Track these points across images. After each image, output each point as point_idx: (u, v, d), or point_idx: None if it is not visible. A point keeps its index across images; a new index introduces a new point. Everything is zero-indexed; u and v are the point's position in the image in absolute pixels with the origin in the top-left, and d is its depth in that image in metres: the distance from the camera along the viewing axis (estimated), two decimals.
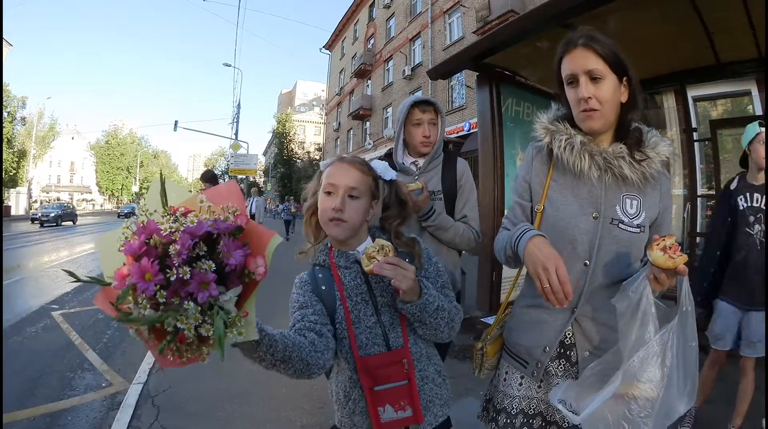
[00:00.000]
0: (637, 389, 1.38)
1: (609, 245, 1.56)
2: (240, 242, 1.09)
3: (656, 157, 1.55)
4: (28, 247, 17.63)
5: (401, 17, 30.37)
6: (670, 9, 4.01)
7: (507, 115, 5.27)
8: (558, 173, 1.68)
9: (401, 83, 29.52)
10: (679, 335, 1.38)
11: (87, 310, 7.47)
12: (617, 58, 1.51)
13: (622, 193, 1.58)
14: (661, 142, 1.59)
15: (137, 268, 0.96)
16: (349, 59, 40.66)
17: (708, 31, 4.24)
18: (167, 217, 1.05)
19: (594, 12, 3.85)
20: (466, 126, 21.42)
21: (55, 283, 9.89)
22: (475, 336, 5.78)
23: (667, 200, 1.64)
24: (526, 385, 1.72)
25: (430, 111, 2.61)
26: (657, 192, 1.61)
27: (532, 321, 1.71)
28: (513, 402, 1.73)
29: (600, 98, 1.50)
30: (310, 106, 75.39)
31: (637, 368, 1.37)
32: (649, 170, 1.54)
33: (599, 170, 1.56)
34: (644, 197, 1.58)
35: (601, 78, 1.50)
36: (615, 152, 1.55)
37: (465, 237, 2.57)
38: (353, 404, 1.58)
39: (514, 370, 1.76)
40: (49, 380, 4.55)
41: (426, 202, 2.51)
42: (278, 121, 55.07)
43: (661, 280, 1.35)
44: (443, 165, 2.71)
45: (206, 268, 0.99)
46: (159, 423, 3.68)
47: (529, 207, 1.74)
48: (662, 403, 1.39)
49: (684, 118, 5.41)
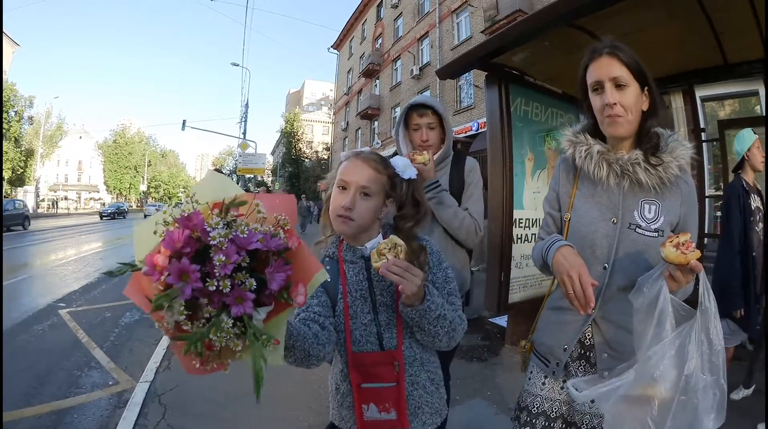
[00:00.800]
0: (652, 389, 1.36)
1: (627, 249, 1.60)
2: (283, 261, 1.06)
3: (673, 162, 1.57)
4: (35, 246, 17.70)
5: (409, 17, 30.33)
6: (678, 9, 3.98)
7: (516, 115, 5.24)
8: (582, 183, 1.76)
9: (409, 83, 29.49)
10: (702, 337, 1.36)
11: (94, 308, 7.53)
12: (640, 67, 1.57)
13: (641, 198, 1.62)
14: (680, 146, 1.61)
15: (177, 267, 0.94)
16: (357, 59, 40.65)
17: (716, 31, 4.20)
18: (216, 215, 1.04)
19: (602, 12, 3.82)
20: (475, 126, 21.39)
21: (62, 281, 9.95)
22: (482, 336, 5.78)
23: (689, 204, 1.64)
24: (549, 386, 1.78)
25: (428, 114, 2.59)
26: (677, 196, 1.62)
27: (556, 321, 1.80)
28: (535, 401, 1.80)
29: (624, 105, 1.55)
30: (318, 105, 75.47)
31: (651, 367, 1.36)
32: (665, 175, 1.58)
33: (617, 177, 1.62)
34: (663, 202, 1.61)
35: (626, 85, 1.56)
36: (631, 159, 1.59)
37: (465, 223, 2.54)
38: (342, 397, 1.61)
39: (539, 369, 1.83)
40: (56, 378, 4.56)
41: (431, 174, 2.51)
42: (286, 121, 55.02)
43: (677, 278, 1.36)
44: (452, 165, 2.70)
45: (247, 285, 0.96)
46: (166, 422, 3.68)
47: (559, 217, 1.83)
48: (682, 408, 1.35)
49: (692, 119, 5.36)
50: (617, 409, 1.40)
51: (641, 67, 1.57)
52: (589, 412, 1.66)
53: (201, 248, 0.97)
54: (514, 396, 4.07)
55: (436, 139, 2.63)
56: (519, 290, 5.25)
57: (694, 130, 5.35)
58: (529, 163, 5.43)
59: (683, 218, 1.62)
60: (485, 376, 4.53)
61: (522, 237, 5.27)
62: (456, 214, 2.53)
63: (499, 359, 5.02)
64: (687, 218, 1.63)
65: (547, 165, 5.66)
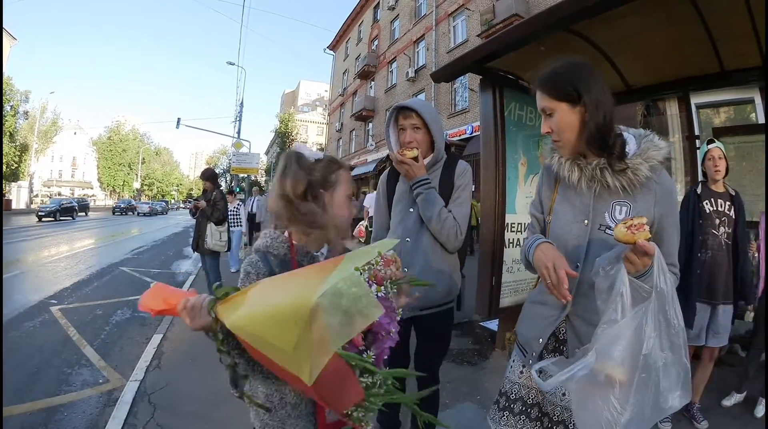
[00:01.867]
0: (611, 369, 1.42)
1: (598, 249, 1.67)
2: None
3: (643, 164, 1.64)
4: (27, 242, 17.62)
5: (405, 19, 30.37)
6: (675, 15, 4.00)
7: (510, 119, 5.26)
8: (562, 188, 1.87)
9: (404, 85, 29.50)
10: (659, 317, 1.41)
11: (85, 305, 7.50)
12: (564, 87, 1.68)
13: (612, 200, 1.71)
14: (652, 147, 1.67)
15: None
16: (352, 60, 40.66)
17: (712, 37, 4.23)
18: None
19: (598, 17, 3.84)
20: (469, 129, 21.43)
21: (54, 277, 9.91)
22: (473, 340, 5.79)
23: (665, 205, 1.68)
24: (526, 375, 1.93)
25: (412, 116, 2.61)
26: (650, 197, 1.67)
27: (534, 315, 1.94)
28: (513, 387, 1.96)
29: (555, 129, 1.74)
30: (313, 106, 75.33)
31: (609, 346, 1.41)
32: (635, 177, 1.64)
33: (588, 181, 1.72)
34: (635, 203, 1.68)
35: (551, 112, 1.73)
36: (598, 164, 1.69)
37: (447, 224, 2.55)
38: (291, 408, 1.59)
39: (518, 359, 1.99)
40: (46, 375, 4.55)
41: (421, 171, 2.59)
42: (281, 121, 54.96)
43: (631, 259, 1.44)
44: (444, 168, 2.71)
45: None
46: (155, 421, 3.67)
47: (542, 219, 1.96)
48: (643, 385, 1.40)
49: (687, 125, 5.40)
50: (582, 390, 1.47)
51: (568, 86, 1.67)
52: (560, 405, 1.79)
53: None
54: None
55: (423, 140, 2.64)
56: (510, 294, 5.27)
57: (689, 136, 5.38)
58: (522, 168, 5.45)
59: (659, 219, 1.67)
60: (475, 380, 4.54)
61: (514, 241, 5.29)
62: (440, 214, 2.54)
63: (489, 363, 5.03)
64: (664, 219, 1.68)
65: (540, 170, 5.67)
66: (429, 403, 2.79)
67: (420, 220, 2.62)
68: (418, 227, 2.63)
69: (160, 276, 10.71)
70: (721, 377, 4.18)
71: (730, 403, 3.96)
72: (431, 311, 2.64)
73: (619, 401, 1.40)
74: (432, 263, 2.61)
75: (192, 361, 4.94)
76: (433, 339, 2.75)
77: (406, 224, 2.69)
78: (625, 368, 1.40)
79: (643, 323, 1.39)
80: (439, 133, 2.65)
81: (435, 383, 2.80)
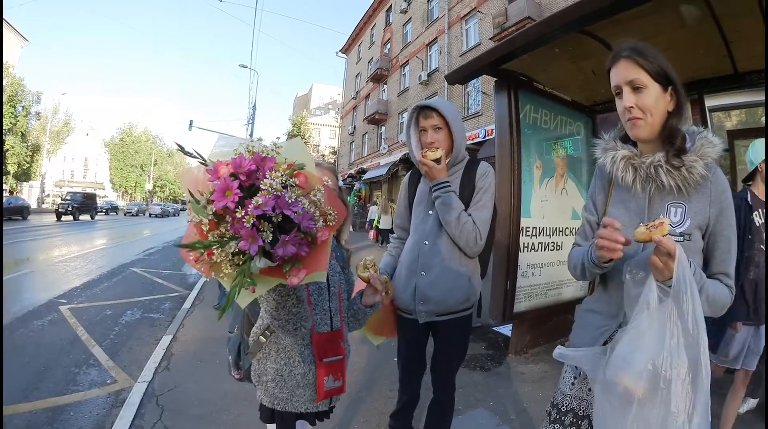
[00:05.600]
0: (625, 378, 1.35)
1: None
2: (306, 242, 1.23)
3: (698, 161, 1.54)
4: (38, 241, 17.72)
5: (418, 22, 30.36)
6: (689, 17, 3.94)
7: (525, 122, 5.20)
8: (616, 189, 1.76)
9: (417, 88, 29.46)
10: (676, 326, 1.31)
11: (95, 305, 7.49)
12: (660, 67, 1.55)
13: (667, 201, 1.61)
14: (707, 144, 1.58)
15: (226, 183, 1.15)
16: (365, 63, 40.72)
17: (726, 39, 4.17)
18: (284, 172, 1.21)
19: (612, 18, 3.80)
20: (482, 133, 21.33)
21: (64, 277, 9.94)
22: (486, 345, 5.72)
23: (719, 205, 1.58)
24: (578, 386, 1.82)
25: (432, 116, 2.55)
26: (705, 197, 1.58)
27: (586, 323, 1.82)
28: (565, 399, 1.84)
29: (642, 107, 1.56)
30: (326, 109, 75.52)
31: (625, 355, 1.36)
32: (690, 175, 1.54)
33: (643, 182, 1.63)
34: (690, 204, 1.58)
35: (643, 87, 1.55)
36: (653, 162, 1.59)
37: (466, 228, 2.48)
38: (301, 378, 1.85)
39: (570, 369, 1.86)
40: (54, 374, 4.52)
41: (442, 173, 2.53)
42: (293, 124, 55.27)
43: (654, 263, 1.36)
44: (465, 170, 2.64)
45: (264, 234, 1.14)
46: (162, 423, 3.63)
47: (595, 221, 1.85)
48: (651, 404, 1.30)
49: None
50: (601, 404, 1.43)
51: (663, 68, 1.55)
52: None
53: (253, 185, 1.17)
54: (517, 406, 4.03)
55: (445, 141, 2.57)
56: (524, 299, 5.21)
57: None
58: (537, 171, 5.39)
59: (714, 219, 1.57)
60: (488, 385, 4.47)
61: (529, 246, 5.22)
62: (459, 218, 2.48)
63: (502, 369, 4.95)
64: (720, 220, 1.58)
65: (555, 173, 5.62)
66: (444, 409, 2.75)
67: (439, 222, 2.55)
68: (437, 230, 2.57)
69: (170, 277, 10.73)
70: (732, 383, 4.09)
71: (743, 410, 3.80)
72: (448, 317, 2.58)
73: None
74: (450, 267, 2.54)
75: (201, 363, 4.89)
76: (450, 345, 2.68)
77: (425, 226, 2.63)
78: (633, 378, 1.32)
79: (657, 331, 1.31)
80: (460, 133, 2.58)
81: (451, 390, 2.75)
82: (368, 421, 3.72)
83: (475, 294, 2.64)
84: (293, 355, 1.85)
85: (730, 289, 1.58)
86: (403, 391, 2.83)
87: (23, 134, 42.43)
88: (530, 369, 4.94)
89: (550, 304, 5.60)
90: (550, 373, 4.75)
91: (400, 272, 2.71)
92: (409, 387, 2.81)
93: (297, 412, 1.86)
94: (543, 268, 5.47)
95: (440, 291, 2.53)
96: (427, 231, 2.61)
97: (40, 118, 46.38)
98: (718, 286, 1.55)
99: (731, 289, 1.58)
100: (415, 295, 2.58)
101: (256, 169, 1.19)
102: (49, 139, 47.22)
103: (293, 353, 1.86)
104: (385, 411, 3.56)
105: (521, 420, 3.82)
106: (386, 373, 4.61)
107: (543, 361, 5.16)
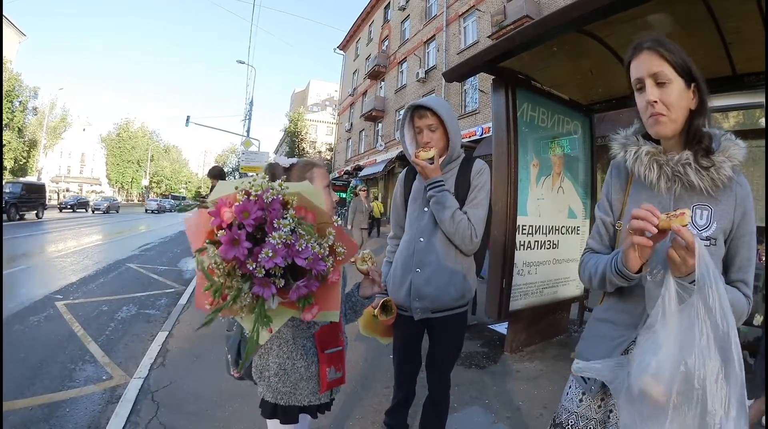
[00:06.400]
0: (646, 384, 1.28)
1: None
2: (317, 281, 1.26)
3: (726, 162, 1.47)
4: (35, 236, 17.67)
5: (416, 20, 30.35)
6: (688, 18, 3.94)
7: (522, 120, 5.21)
8: (634, 188, 1.66)
9: (414, 86, 29.48)
10: (705, 323, 1.23)
11: (91, 301, 7.48)
12: (684, 62, 1.47)
13: (693, 203, 1.52)
14: (733, 145, 1.50)
15: (232, 234, 1.15)
16: (363, 60, 40.70)
17: (725, 40, 4.17)
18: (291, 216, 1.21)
19: (611, 18, 3.80)
20: (479, 131, 21.35)
21: (60, 272, 9.92)
22: (481, 343, 5.72)
23: (744, 208, 1.51)
24: (586, 404, 1.68)
25: (427, 116, 2.54)
26: (731, 200, 1.50)
27: (598, 335, 1.69)
28: (570, 418, 1.70)
29: (666, 102, 1.47)
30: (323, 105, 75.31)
31: (643, 357, 1.30)
32: (718, 176, 1.47)
33: (668, 180, 1.53)
34: (716, 206, 1.50)
35: (667, 82, 1.47)
36: (681, 160, 1.50)
37: (461, 227, 2.48)
38: (304, 370, 1.87)
39: (577, 384, 1.72)
40: (50, 370, 4.51)
41: (436, 172, 2.52)
42: (290, 120, 55.13)
43: (672, 257, 1.29)
44: (460, 167, 2.64)
45: (277, 280, 1.17)
46: (158, 419, 3.63)
47: (610, 221, 1.72)
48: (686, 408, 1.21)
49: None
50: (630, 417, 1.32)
51: (687, 63, 1.48)
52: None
53: (260, 234, 1.18)
54: (512, 404, 4.04)
55: (440, 140, 2.57)
56: (520, 298, 5.22)
57: None
58: (534, 170, 5.39)
59: (737, 223, 1.50)
60: (484, 383, 4.48)
61: (525, 244, 5.23)
62: (453, 217, 2.47)
63: (498, 367, 4.96)
64: (742, 224, 1.51)
65: (552, 172, 5.62)
66: (440, 406, 2.76)
67: (434, 219, 2.56)
68: (432, 227, 2.57)
69: (166, 273, 10.70)
70: None
71: None
72: (444, 314, 2.59)
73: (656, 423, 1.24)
74: (445, 264, 2.55)
75: (197, 360, 4.89)
76: (444, 342, 2.69)
77: (420, 223, 2.63)
78: (662, 383, 1.24)
79: (686, 330, 1.24)
80: (455, 131, 2.58)
81: (446, 387, 2.75)
82: (364, 418, 3.73)
83: (470, 291, 2.65)
84: (295, 349, 1.88)
85: (748, 299, 1.51)
86: (398, 388, 2.84)
87: (20, 129, 42.29)
88: (526, 367, 4.95)
89: (546, 302, 5.61)
90: (546, 371, 4.77)
91: (395, 269, 2.72)
92: (404, 384, 2.81)
93: (300, 405, 1.88)
94: (539, 266, 5.48)
95: (435, 288, 2.54)
96: (422, 228, 2.61)
97: (37, 114, 46.22)
98: (735, 294, 1.49)
99: (749, 298, 1.51)
100: (410, 291, 2.59)
101: (263, 215, 1.19)
102: (46, 135, 47.08)
103: (295, 347, 1.88)
104: (381, 408, 3.58)
105: (516, 418, 3.83)
106: (382, 370, 4.63)
107: (538, 359, 5.17)
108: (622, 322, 1.59)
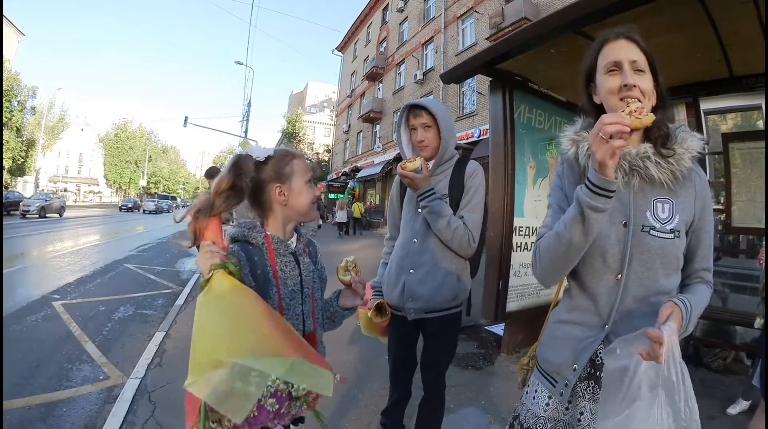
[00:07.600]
0: None
1: (641, 255, 1.46)
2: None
3: (685, 154, 1.46)
4: (33, 236, 17.63)
5: (414, 21, 30.37)
6: (685, 21, 3.96)
7: (519, 122, 5.23)
8: None
9: (413, 87, 29.48)
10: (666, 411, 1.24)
11: (88, 301, 7.48)
12: (654, 59, 1.48)
13: (653, 197, 1.48)
14: (690, 137, 1.50)
15: None
16: (361, 62, 40.70)
17: (722, 43, 4.19)
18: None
19: (608, 20, 3.81)
20: (476, 133, 21.36)
21: (58, 272, 9.90)
22: (478, 344, 5.73)
23: (704, 200, 1.51)
24: (553, 406, 1.64)
25: (422, 115, 2.57)
26: (691, 191, 1.49)
27: (564, 337, 1.64)
28: (538, 422, 1.66)
29: (642, 90, 1.44)
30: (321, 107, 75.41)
31: None
32: (678, 168, 1.46)
33: (625, 175, 1.48)
34: (677, 199, 1.48)
35: (643, 72, 1.46)
36: (639, 153, 1.47)
37: (458, 233, 2.48)
38: None
39: (543, 388, 1.68)
40: (47, 370, 4.51)
41: (425, 182, 2.50)
42: (288, 121, 55.14)
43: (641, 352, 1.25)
44: (454, 168, 2.65)
45: None
46: (155, 419, 3.63)
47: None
48: None
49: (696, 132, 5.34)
50: None
51: (654, 60, 1.48)
52: None
53: None
54: (508, 405, 4.04)
55: (434, 138, 2.59)
56: (516, 299, 5.23)
57: None
58: (531, 171, 5.41)
59: (699, 215, 1.50)
60: (480, 384, 4.49)
61: (521, 245, 5.24)
62: (449, 225, 2.48)
63: (494, 368, 4.97)
64: (703, 215, 1.51)
65: (549, 173, 5.64)
66: (435, 407, 2.76)
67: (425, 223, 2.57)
68: (426, 228, 2.58)
69: (164, 273, 10.69)
70: (726, 385, 4.12)
71: (736, 411, 3.85)
72: (437, 315, 2.60)
73: None
74: (439, 265, 2.56)
75: None
76: (439, 343, 2.70)
77: (414, 224, 2.64)
78: None
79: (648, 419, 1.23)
80: (448, 131, 2.59)
81: (441, 388, 2.76)
82: (360, 419, 3.73)
83: (464, 292, 2.66)
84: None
85: (709, 285, 1.54)
86: (393, 388, 2.84)
87: (18, 129, 42.17)
88: None
89: (542, 303, 5.61)
90: None
91: (390, 270, 2.74)
92: (399, 384, 2.82)
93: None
94: None
95: (429, 288, 2.55)
96: (416, 229, 2.62)
97: (36, 113, 46.11)
98: (701, 291, 1.51)
99: (710, 284, 1.54)
100: (403, 292, 2.60)
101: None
102: (44, 135, 46.96)
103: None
104: (377, 409, 3.58)
105: None
106: (378, 371, 4.63)
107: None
108: (590, 323, 1.55)
